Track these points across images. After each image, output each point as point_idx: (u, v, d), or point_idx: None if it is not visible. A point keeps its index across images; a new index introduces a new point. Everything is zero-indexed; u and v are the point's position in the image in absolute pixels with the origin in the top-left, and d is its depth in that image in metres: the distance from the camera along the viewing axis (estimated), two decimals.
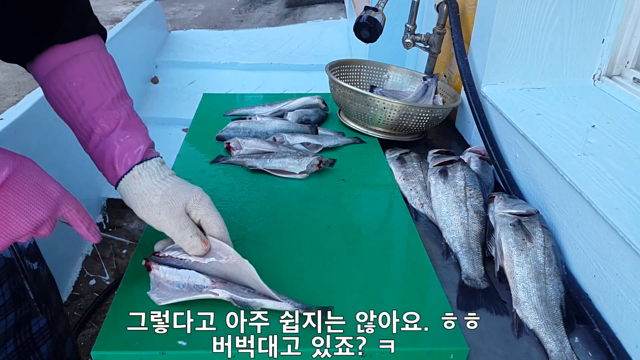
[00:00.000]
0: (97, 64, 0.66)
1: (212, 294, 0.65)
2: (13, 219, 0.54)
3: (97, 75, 0.66)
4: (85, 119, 0.65)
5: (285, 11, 5.63)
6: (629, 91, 1.01)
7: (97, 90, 0.65)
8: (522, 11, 1.03)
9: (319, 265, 0.74)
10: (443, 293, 0.70)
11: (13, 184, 0.54)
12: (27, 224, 0.55)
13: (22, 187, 0.54)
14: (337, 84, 1.12)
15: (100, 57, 0.67)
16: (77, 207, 0.60)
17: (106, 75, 0.67)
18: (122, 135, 0.65)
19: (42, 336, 0.74)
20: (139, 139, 0.66)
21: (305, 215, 0.86)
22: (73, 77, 0.64)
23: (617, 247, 0.66)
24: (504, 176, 0.96)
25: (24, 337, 0.71)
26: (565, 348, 0.64)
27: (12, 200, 0.54)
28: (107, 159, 0.65)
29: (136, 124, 0.68)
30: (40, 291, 0.74)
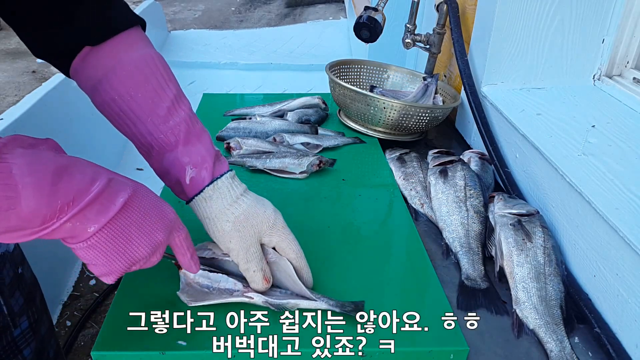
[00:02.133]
0: (143, 68, 0.60)
1: (246, 297, 0.64)
2: (135, 239, 0.52)
3: (146, 83, 0.59)
4: (143, 135, 0.60)
5: (285, 11, 5.63)
6: (629, 91, 1.01)
7: (149, 100, 0.59)
8: (522, 11, 1.03)
9: (319, 266, 0.74)
10: (443, 293, 0.70)
11: (135, 204, 0.51)
12: (147, 245, 0.53)
13: (142, 207, 0.52)
14: (337, 84, 1.12)
15: (147, 59, 0.60)
16: (185, 233, 0.58)
17: (156, 81, 0.60)
18: (185, 153, 0.60)
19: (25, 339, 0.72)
20: (204, 153, 0.61)
21: (305, 215, 0.86)
22: (120, 90, 0.58)
23: (617, 247, 0.66)
24: (504, 176, 0.96)
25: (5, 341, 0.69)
26: (565, 348, 0.64)
27: (135, 220, 0.51)
28: (173, 179, 0.62)
29: (197, 133, 0.62)
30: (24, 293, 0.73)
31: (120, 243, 0.51)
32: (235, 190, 0.63)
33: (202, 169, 0.61)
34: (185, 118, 0.61)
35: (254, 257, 0.63)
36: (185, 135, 0.61)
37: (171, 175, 0.62)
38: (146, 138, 0.60)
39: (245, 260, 0.63)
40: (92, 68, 0.59)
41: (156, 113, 0.59)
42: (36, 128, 1.73)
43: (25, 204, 0.42)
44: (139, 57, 0.60)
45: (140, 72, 0.59)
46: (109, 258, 0.51)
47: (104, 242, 0.50)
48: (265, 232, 0.63)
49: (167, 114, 0.60)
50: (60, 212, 0.45)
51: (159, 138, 0.60)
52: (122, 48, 0.59)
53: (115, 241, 0.50)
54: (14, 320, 0.71)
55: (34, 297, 0.76)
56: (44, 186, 0.43)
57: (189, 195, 0.62)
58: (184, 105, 0.62)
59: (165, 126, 0.60)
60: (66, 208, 0.45)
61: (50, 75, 2.18)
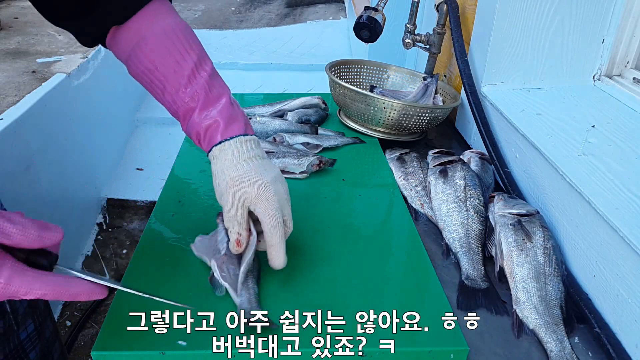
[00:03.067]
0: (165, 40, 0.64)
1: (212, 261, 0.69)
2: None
3: (168, 54, 0.64)
4: (170, 102, 0.66)
5: (285, 11, 5.63)
6: (629, 91, 1.01)
7: (172, 69, 0.64)
8: (522, 11, 1.03)
9: (319, 265, 0.74)
10: (443, 293, 0.70)
11: None
12: None
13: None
14: (337, 84, 1.12)
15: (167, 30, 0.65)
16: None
17: (177, 51, 0.64)
18: (200, 116, 0.65)
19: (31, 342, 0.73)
20: (216, 116, 0.65)
21: (305, 215, 0.86)
22: (147, 63, 0.64)
23: (617, 247, 0.66)
24: (504, 176, 0.96)
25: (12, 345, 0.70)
26: (565, 348, 0.64)
27: None
28: (195, 139, 0.68)
29: (214, 98, 0.66)
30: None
31: None
32: (241, 154, 0.66)
33: (214, 130, 0.66)
34: (204, 84, 0.65)
35: (235, 219, 0.66)
36: (204, 100, 0.65)
37: (193, 137, 0.68)
38: (172, 106, 0.66)
39: (227, 219, 0.67)
40: (121, 44, 0.66)
41: (178, 82, 0.64)
42: (36, 128, 1.73)
43: None
44: (160, 30, 0.64)
45: (162, 45, 0.64)
46: None
47: None
48: (251, 200, 0.65)
49: (187, 82, 0.65)
50: None
51: (182, 105, 0.66)
52: (145, 22, 0.64)
53: None
54: (18, 323, 0.71)
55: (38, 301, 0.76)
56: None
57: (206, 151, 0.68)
58: (203, 71, 0.66)
59: (185, 94, 0.65)
60: None
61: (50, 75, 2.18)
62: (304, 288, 0.69)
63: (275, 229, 0.66)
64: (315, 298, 0.68)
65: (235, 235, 0.67)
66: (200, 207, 0.84)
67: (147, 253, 0.75)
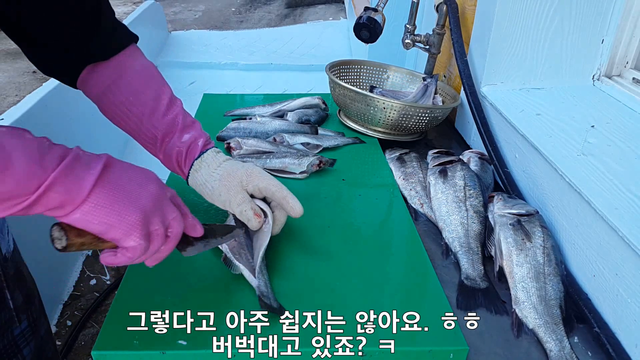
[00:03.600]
0: (144, 76, 0.72)
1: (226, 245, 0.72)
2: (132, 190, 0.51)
3: (148, 88, 0.71)
4: (148, 129, 0.71)
5: (286, 12, 5.63)
6: (628, 91, 1.01)
7: (152, 100, 0.71)
8: (521, 11, 1.03)
9: (319, 265, 0.74)
10: (443, 293, 0.70)
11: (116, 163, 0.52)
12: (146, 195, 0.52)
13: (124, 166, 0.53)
14: (337, 84, 1.12)
15: (144, 69, 0.72)
16: (173, 192, 0.59)
17: (155, 84, 0.72)
18: (182, 137, 0.72)
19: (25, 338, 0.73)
20: (196, 136, 0.74)
21: (305, 215, 0.86)
22: (127, 94, 0.70)
23: (616, 247, 0.66)
24: (503, 176, 0.96)
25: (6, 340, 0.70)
26: (564, 348, 0.64)
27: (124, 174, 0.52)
28: (174, 162, 0.73)
29: (190, 122, 0.74)
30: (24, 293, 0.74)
31: (120, 194, 0.50)
32: (218, 159, 0.74)
33: (192, 149, 0.73)
34: (180, 111, 0.74)
35: (242, 200, 0.71)
36: (182, 124, 0.73)
37: (173, 158, 0.73)
38: (151, 131, 0.71)
39: (236, 204, 0.71)
40: (99, 78, 0.70)
41: (158, 109, 0.71)
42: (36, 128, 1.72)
43: (19, 165, 0.43)
44: (139, 66, 0.72)
45: (142, 77, 0.72)
46: (119, 209, 0.50)
47: (105, 195, 0.49)
48: (246, 180, 0.72)
49: (167, 110, 0.72)
50: (50, 172, 0.45)
51: (162, 129, 0.71)
52: (125, 60, 0.71)
53: (114, 193, 0.50)
54: (18, 316, 0.72)
55: (33, 297, 0.77)
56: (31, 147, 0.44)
57: (186, 172, 0.74)
58: (178, 101, 0.75)
59: (166, 119, 0.72)
60: (55, 167, 0.45)
61: None
62: (304, 288, 0.69)
63: (280, 185, 0.73)
64: (315, 298, 0.68)
65: (250, 212, 0.71)
66: (201, 207, 0.84)
67: None
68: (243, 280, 0.69)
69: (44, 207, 0.45)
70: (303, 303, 0.66)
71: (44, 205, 0.45)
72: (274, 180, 0.73)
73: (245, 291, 0.68)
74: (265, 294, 0.66)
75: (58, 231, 0.49)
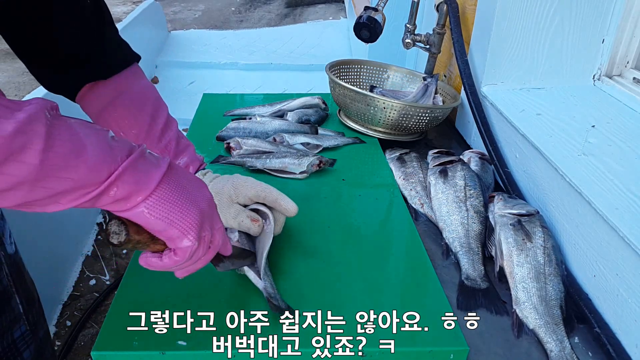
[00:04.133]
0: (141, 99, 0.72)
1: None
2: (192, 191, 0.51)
3: (143, 111, 0.72)
4: None
5: (285, 11, 5.63)
6: (629, 91, 1.01)
7: (146, 125, 0.71)
8: (522, 11, 1.03)
9: (319, 265, 0.74)
10: (443, 293, 0.70)
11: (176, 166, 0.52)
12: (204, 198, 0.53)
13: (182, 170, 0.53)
14: (337, 84, 1.12)
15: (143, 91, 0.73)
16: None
17: (152, 108, 0.73)
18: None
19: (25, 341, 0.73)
20: (188, 162, 0.75)
21: (305, 215, 0.86)
22: (123, 116, 0.70)
23: (617, 247, 0.66)
24: (504, 176, 0.96)
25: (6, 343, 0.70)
26: (565, 348, 0.64)
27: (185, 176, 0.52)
28: None
29: (183, 147, 0.75)
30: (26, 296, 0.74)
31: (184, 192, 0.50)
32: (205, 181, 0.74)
33: None
34: (175, 136, 0.75)
35: (237, 212, 0.72)
36: (175, 151, 0.74)
37: None
38: None
39: (232, 218, 0.71)
40: (98, 96, 0.70)
41: (152, 135, 0.72)
42: None
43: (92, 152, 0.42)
44: (138, 87, 0.73)
45: (139, 102, 0.72)
46: (181, 206, 0.49)
47: (170, 191, 0.49)
48: (234, 193, 0.73)
49: (160, 135, 0.73)
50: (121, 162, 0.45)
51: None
52: (125, 79, 0.71)
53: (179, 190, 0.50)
54: (20, 319, 0.72)
55: (33, 300, 0.77)
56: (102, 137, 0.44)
57: None
58: (173, 125, 0.76)
59: (160, 144, 0.73)
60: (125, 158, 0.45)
61: None
62: (304, 288, 0.69)
63: (269, 189, 0.73)
64: (315, 298, 0.68)
65: (248, 220, 0.71)
66: None
67: None
68: (243, 280, 0.69)
69: (111, 198, 0.45)
70: (303, 303, 0.66)
71: (112, 196, 0.45)
72: (262, 185, 0.73)
73: (245, 291, 0.68)
74: (273, 295, 0.66)
75: (117, 225, 0.48)
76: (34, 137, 0.38)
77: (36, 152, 0.38)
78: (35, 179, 0.39)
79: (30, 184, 0.39)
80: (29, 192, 0.40)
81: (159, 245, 0.51)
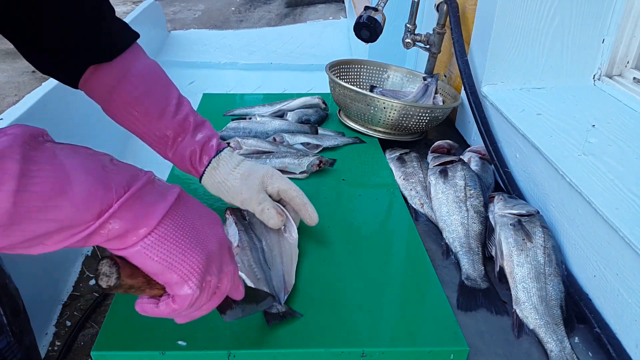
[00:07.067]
0: (150, 76, 0.70)
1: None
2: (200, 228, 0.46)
3: (155, 87, 0.70)
4: (159, 129, 0.71)
5: (285, 11, 5.63)
6: (629, 91, 1.00)
7: (161, 101, 0.70)
8: (522, 11, 1.03)
9: (319, 265, 0.74)
10: (443, 293, 0.70)
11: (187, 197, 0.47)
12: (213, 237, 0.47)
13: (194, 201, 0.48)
14: (337, 84, 1.12)
15: (149, 68, 0.71)
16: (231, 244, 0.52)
17: (163, 84, 0.72)
18: (195, 137, 0.73)
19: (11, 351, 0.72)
20: (209, 135, 0.75)
21: None
22: (134, 95, 0.68)
23: (617, 247, 0.66)
24: (504, 176, 0.96)
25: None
26: (565, 348, 0.64)
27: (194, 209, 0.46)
28: (187, 161, 0.74)
29: (201, 121, 0.75)
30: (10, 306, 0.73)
31: (190, 231, 0.44)
32: (236, 158, 0.76)
33: (208, 147, 0.74)
34: (190, 110, 0.74)
35: (264, 199, 0.73)
36: (194, 125, 0.73)
37: (185, 159, 0.74)
38: (162, 132, 0.71)
39: (257, 203, 0.73)
40: (103, 79, 0.68)
41: (168, 109, 0.71)
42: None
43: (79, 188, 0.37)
44: (144, 65, 0.71)
45: (149, 77, 0.70)
46: (184, 247, 0.43)
47: (174, 228, 0.43)
48: (267, 181, 0.75)
49: (176, 109, 0.72)
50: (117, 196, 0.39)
51: (175, 129, 0.72)
52: (129, 60, 0.69)
53: (184, 228, 0.44)
54: (4, 329, 0.71)
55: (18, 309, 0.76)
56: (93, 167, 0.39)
57: (201, 170, 0.74)
58: (186, 100, 0.74)
59: (177, 119, 0.71)
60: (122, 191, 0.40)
61: None
62: (303, 288, 0.69)
63: (301, 192, 0.75)
64: (315, 298, 0.68)
65: (273, 210, 0.72)
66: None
67: None
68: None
69: (104, 237, 0.40)
70: (303, 303, 0.66)
71: (105, 235, 0.40)
72: (295, 185, 0.75)
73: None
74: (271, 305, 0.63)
75: (109, 266, 0.41)
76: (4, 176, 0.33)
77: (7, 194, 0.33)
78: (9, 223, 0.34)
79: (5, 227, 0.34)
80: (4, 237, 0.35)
81: (156, 290, 0.45)
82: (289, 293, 0.67)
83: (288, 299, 0.67)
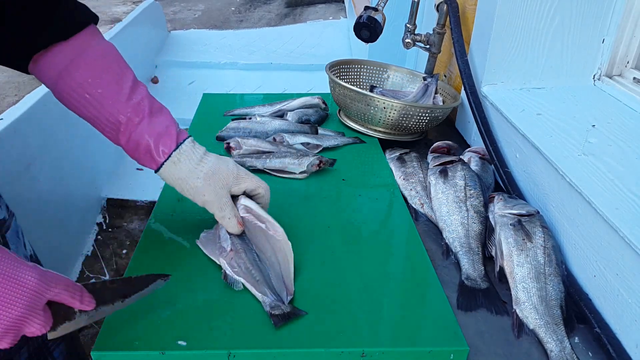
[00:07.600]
0: (105, 57, 0.66)
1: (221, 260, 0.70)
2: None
3: (109, 69, 0.66)
4: (111, 114, 0.66)
5: (285, 11, 5.63)
6: (629, 91, 1.00)
7: (114, 83, 0.65)
8: (522, 11, 1.03)
9: (319, 265, 0.74)
10: (443, 293, 0.70)
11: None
12: (4, 322, 0.48)
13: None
14: (337, 84, 1.12)
15: (105, 49, 0.67)
16: (64, 285, 0.53)
17: (117, 66, 0.67)
18: (151, 124, 0.67)
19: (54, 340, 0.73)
20: (167, 123, 0.69)
21: (305, 215, 0.86)
22: (86, 76, 0.64)
23: (617, 247, 0.66)
24: (504, 176, 0.96)
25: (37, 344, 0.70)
26: (565, 348, 0.64)
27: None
28: (143, 149, 0.67)
29: (158, 108, 0.70)
30: None
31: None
32: (198, 151, 0.70)
33: (167, 137, 0.68)
34: (146, 95, 0.69)
35: (227, 206, 0.71)
36: (149, 110, 0.68)
37: (141, 147, 0.67)
38: (114, 116, 0.66)
39: (219, 209, 0.70)
40: (55, 59, 0.64)
41: (121, 93, 0.66)
42: (36, 128, 1.73)
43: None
44: (98, 48, 0.66)
45: (103, 60, 0.66)
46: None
47: None
48: (232, 182, 0.71)
49: (130, 93, 0.66)
50: None
51: (127, 114, 0.66)
52: (83, 40, 0.65)
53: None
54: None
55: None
56: None
57: (159, 162, 0.68)
58: (142, 85, 0.69)
59: (130, 103, 0.66)
60: None
61: None
62: (303, 288, 0.69)
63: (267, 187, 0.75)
64: (315, 298, 0.68)
65: (234, 219, 0.71)
66: (200, 207, 0.84)
67: (147, 253, 0.75)
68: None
69: None
70: (303, 303, 0.66)
71: None
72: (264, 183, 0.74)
73: (246, 291, 0.68)
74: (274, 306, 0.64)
75: None
76: None
77: None
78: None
79: None
80: None
81: None
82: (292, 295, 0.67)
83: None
